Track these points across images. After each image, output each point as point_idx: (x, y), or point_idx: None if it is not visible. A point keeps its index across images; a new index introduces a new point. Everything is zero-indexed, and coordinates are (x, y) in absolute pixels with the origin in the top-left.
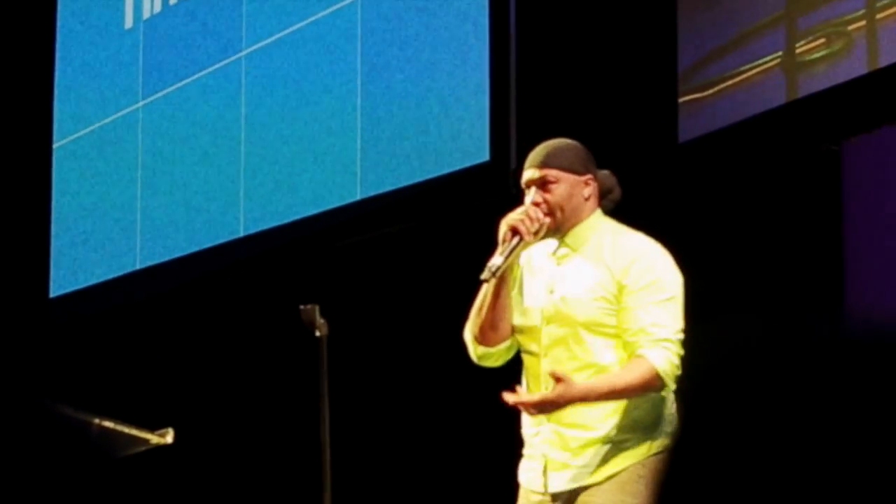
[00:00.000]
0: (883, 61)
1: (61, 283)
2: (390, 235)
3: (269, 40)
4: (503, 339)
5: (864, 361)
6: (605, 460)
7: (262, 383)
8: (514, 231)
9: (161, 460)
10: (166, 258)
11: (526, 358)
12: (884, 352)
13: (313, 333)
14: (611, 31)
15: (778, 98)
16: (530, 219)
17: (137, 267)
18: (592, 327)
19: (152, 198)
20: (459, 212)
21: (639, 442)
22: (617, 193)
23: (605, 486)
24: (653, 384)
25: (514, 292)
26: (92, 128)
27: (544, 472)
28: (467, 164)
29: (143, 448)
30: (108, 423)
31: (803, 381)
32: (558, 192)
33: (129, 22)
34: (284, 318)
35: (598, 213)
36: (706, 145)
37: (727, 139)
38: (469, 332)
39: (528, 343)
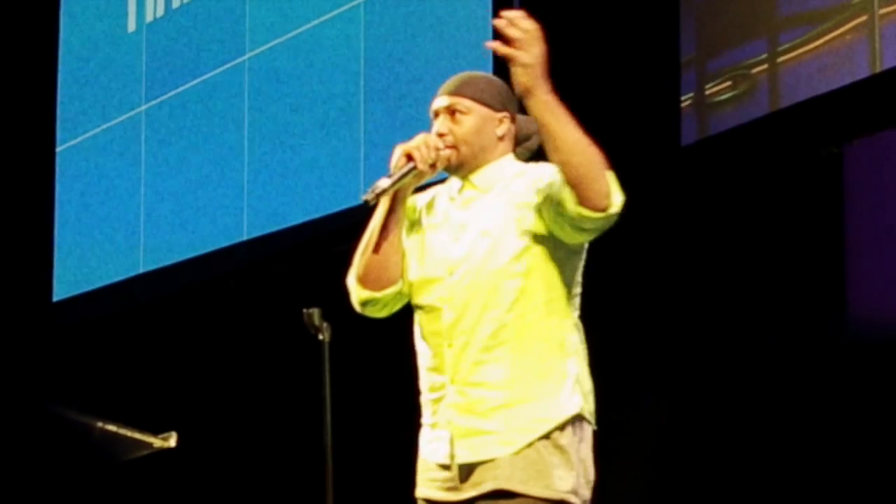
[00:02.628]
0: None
1: (65, 286)
2: None
3: (272, 44)
4: (391, 284)
5: (867, 363)
6: (516, 427)
7: (265, 387)
8: (409, 158)
9: (164, 464)
10: (170, 262)
11: (422, 315)
12: (886, 354)
13: (316, 337)
14: (613, 33)
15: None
16: (427, 146)
17: (141, 270)
18: (505, 275)
19: (155, 201)
20: None
21: (553, 406)
22: (535, 142)
23: (516, 458)
24: (602, 165)
25: (411, 241)
26: (95, 131)
27: (451, 441)
28: None
29: (147, 452)
30: (111, 427)
31: (806, 383)
32: (467, 123)
33: (132, 25)
34: (287, 322)
35: (511, 157)
36: (708, 148)
37: (729, 142)
38: (352, 275)
39: (426, 297)
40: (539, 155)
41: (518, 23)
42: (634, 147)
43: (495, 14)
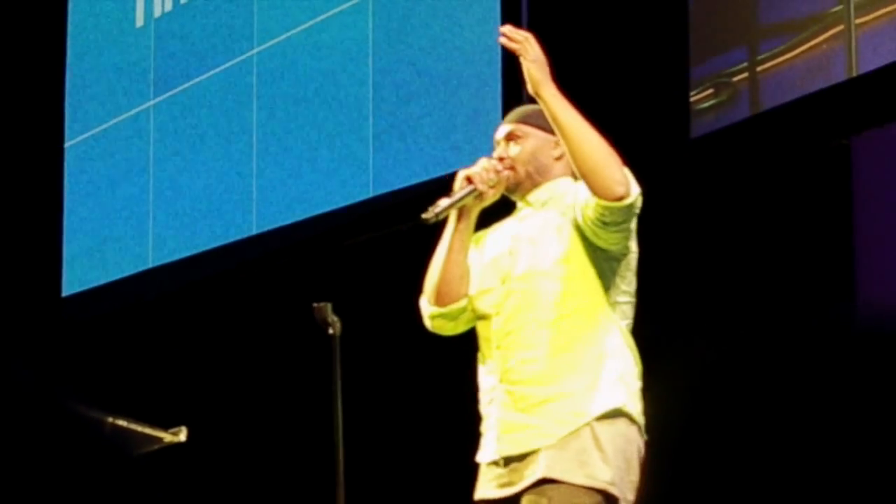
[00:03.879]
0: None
1: (74, 281)
2: (403, 233)
3: (280, 38)
4: (457, 299)
5: (876, 353)
6: (555, 420)
7: (276, 381)
8: (469, 181)
9: (174, 459)
10: (179, 256)
11: (479, 325)
12: (894, 344)
13: (326, 331)
14: (622, 27)
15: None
16: (486, 169)
17: (150, 265)
18: (546, 278)
19: (164, 196)
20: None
21: (590, 400)
22: None
23: (557, 449)
24: (615, 157)
25: (475, 258)
26: (104, 127)
27: (498, 438)
28: None
29: (157, 446)
30: (121, 422)
31: (815, 374)
32: (524, 146)
33: (140, 20)
34: (297, 316)
35: (569, 178)
36: (717, 141)
37: (738, 135)
38: (423, 294)
39: (482, 305)
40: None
41: (512, 34)
42: (643, 140)
43: (504, 7)
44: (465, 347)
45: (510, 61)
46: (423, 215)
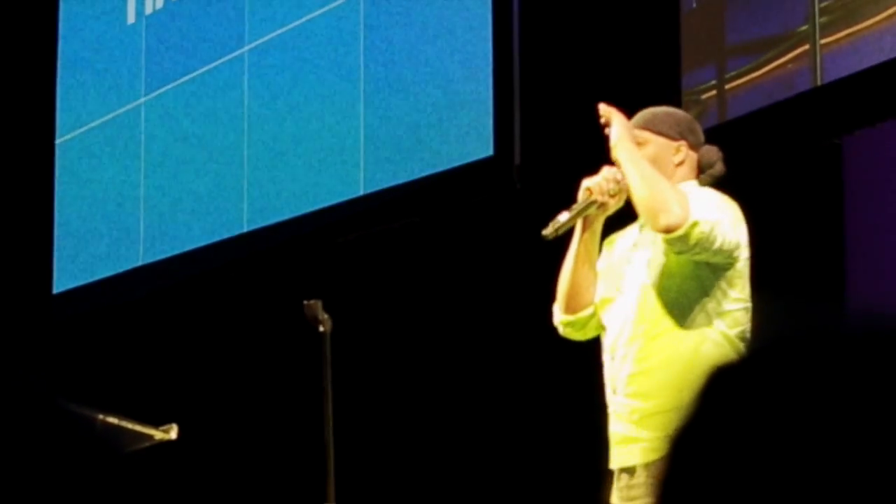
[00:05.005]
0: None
1: (64, 278)
2: (394, 231)
3: (272, 35)
4: (585, 307)
5: (866, 354)
6: (662, 434)
7: (266, 379)
8: (590, 192)
9: (164, 456)
10: (169, 254)
11: (602, 333)
12: (885, 344)
13: (317, 329)
14: (614, 25)
15: None
16: (607, 179)
17: (140, 263)
18: (652, 290)
19: (155, 193)
20: (463, 207)
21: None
22: (718, 169)
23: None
24: (664, 201)
25: (603, 266)
26: (94, 123)
27: (613, 449)
28: (471, 159)
29: (147, 444)
30: (111, 419)
31: (804, 374)
32: (645, 153)
33: (131, 17)
34: (288, 314)
35: (692, 183)
36: (709, 139)
37: (729, 133)
38: (556, 301)
39: (604, 315)
40: (726, 182)
41: (602, 111)
42: None
43: (495, 4)
44: (456, 347)
45: (501, 59)
46: (544, 231)
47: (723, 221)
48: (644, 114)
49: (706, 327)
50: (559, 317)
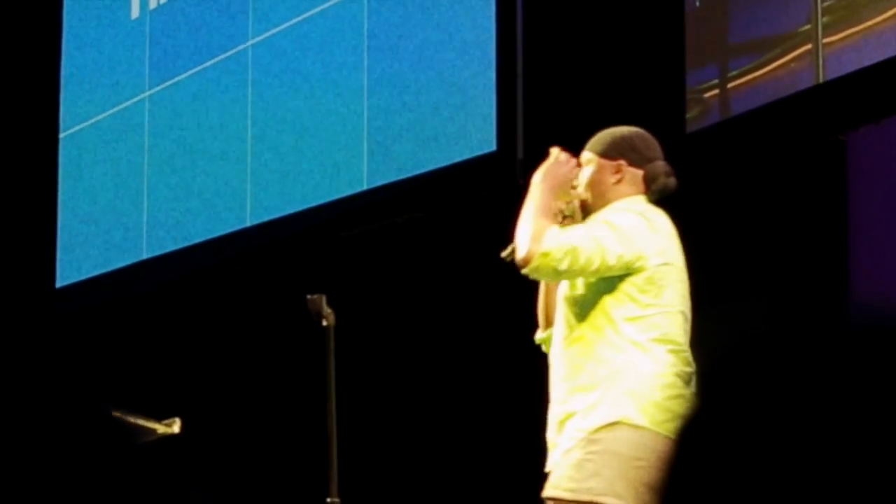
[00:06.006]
0: None
1: (68, 273)
2: (397, 225)
3: (275, 30)
4: (550, 326)
5: (869, 350)
6: (567, 436)
7: (269, 373)
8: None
9: (168, 450)
10: (173, 248)
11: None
12: (889, 341)
13: (320, 323)
14: (618, 20)
15: None
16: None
17: (144, 257)
18: (574, 305)
19: (159, 187)
20: (466, 202)
21: (592, 416)
22: (661, 183)
23: (560, 468)
24: (525, 232)
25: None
26: (98, 118)
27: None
28: (474, 153)
29: (151, 438)
30: (114, 414)
31: (807, 370)
32: (586, 173)
33: (135, 12)
34: (291, 308)
35: (632, 199)
36: (713, 135)
37: (734, 129)
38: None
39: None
40: (673, 199)
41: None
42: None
43: (499, 2)
44: (459, 342)
45: (505, 55)
46: (502, 253)
47: (603, 238)
48: (595, 135)
49: (613, 334)
50: (537, 335)
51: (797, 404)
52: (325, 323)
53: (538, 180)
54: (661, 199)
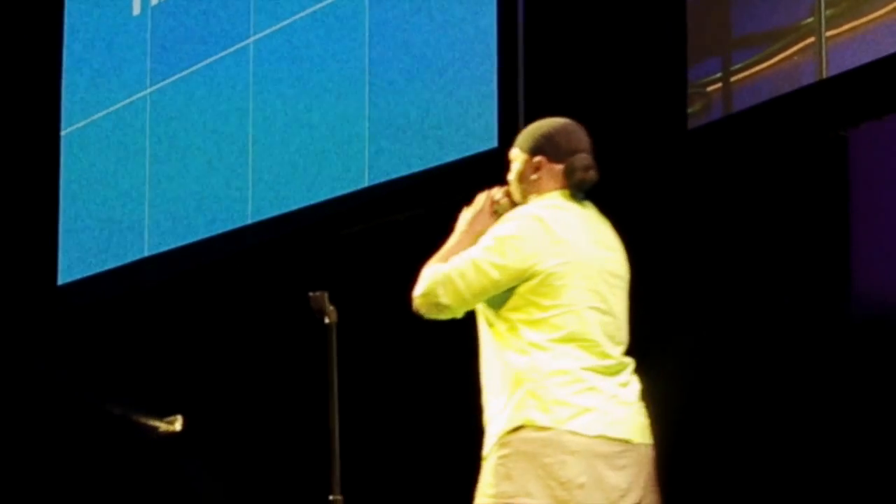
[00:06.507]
0: None
1: (69, 270)
2: (399, 222)
3: (277, 27)
4: None
5: (870, 346)
6: (486, 444)
7: (271, 370)
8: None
9: (170, 447)
10: (175, 245)
11: None
12: (890, 336)
13: (322, 320)
14: (619, 16)
15: None
16: (489, 197)
17: (146, 254)
18: (482, 311)
19: (160, 185)
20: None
21: (499, 422)
22: (578, 177)
23: (485, 471)
24: (424, 278)
25: None
26: (100, 115)
27: None
28: (476, 150)
29: (153, 435)
30: (116, 410)
31: (810, 364)
32: (512, 170)
33: (137, 8)
34: (293, 305)
35: (546, 196)
36: (714, 132)
37: (735, 126)
38: None
39: None
40: (599, 190)
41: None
42: (641, 130)
43: None
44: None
45: (507, 51)
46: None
47: (481, 257)
48: (523, 130)
49: (515, 339)
50: None
51: (800, 397)
52: (327, 320)
53: (462, 225)
54: (579, 192)
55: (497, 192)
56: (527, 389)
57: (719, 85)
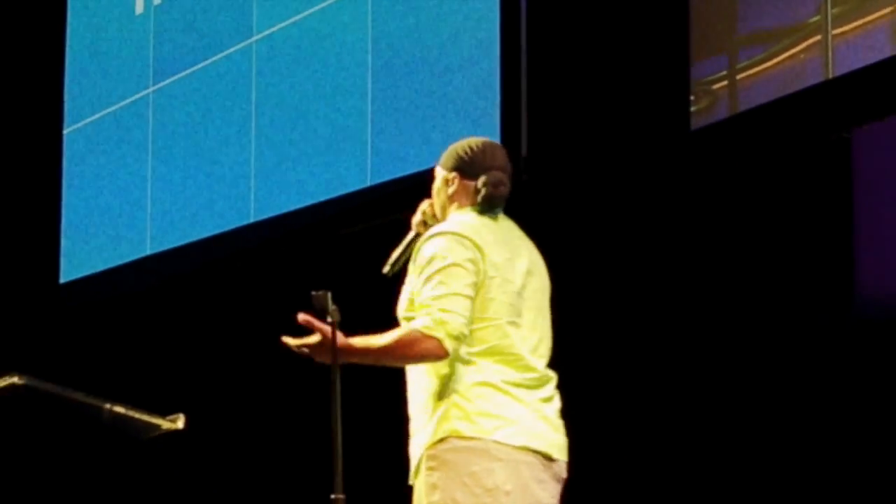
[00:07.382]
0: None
1: (71, 268)
2: (401, 222)
3: (279, 26)
4: None
5: (874, 346)
6: (414, 455)
7: (274, 369)
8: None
9: (171, 446)
10: (177, 244)
11: None
12: (893, 336)
13: (325, 319)
14: (623, 14)
15: None
16: (420, 212)
17: (148, 252)
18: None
19: (163, 183)
20: None
21: (425, 435)
22: (485, 194)
23: (417, 484)
24: (415, 341)
25: None
26: (102, 113)
27: None
28: None
29: (155, 434)
30: (119, 409)
31: (814, 366)
32: (433, 187)
33: (139, 7)
34: (296, 304)
35: (461, 212)
36: (718, 133)
37: (739, 127)
38: None
39: None
40: (514, 203)
41: (304, 349)
42: (644, 131)
43: None
44: None
45: (508, 50)
46: (384, 270)
47: (450, 283)
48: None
49: None
50: None
51: (804, 398)
52: (330, 319)
53: (343, 348)
54: (493, 207)
55: (424, 204)
56: (452, 402)
57: (725, 83)
